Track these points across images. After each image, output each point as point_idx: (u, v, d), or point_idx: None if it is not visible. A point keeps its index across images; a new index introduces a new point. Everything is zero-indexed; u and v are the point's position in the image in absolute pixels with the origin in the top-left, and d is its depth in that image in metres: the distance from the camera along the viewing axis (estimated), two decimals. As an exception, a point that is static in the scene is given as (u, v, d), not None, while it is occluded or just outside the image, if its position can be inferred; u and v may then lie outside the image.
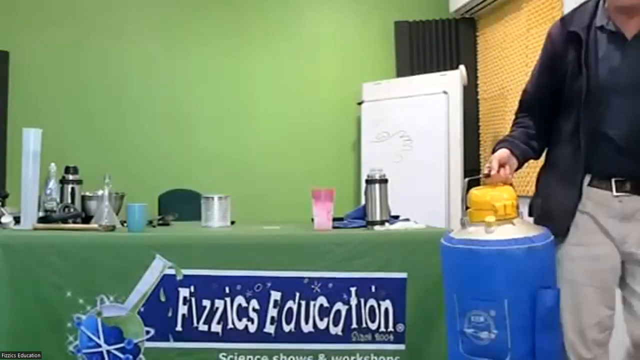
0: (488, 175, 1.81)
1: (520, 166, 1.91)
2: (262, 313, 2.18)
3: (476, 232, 1.70)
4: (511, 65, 4.34)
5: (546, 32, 1.95)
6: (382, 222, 2.43)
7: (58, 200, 2.55)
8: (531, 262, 1.64)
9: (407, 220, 2.53)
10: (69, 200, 2.62)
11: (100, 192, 2.56)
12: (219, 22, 5.07)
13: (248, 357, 2.17)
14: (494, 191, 1.76)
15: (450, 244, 1.73)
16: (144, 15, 5.02)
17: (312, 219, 2.43)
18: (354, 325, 2.21)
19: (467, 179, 1.92)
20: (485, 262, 1.67)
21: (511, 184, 1.83)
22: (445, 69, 4.76)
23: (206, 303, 2.17)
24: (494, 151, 1.90)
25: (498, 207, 1.68)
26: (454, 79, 4.48)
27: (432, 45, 5.01)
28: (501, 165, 1.82)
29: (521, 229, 1.70)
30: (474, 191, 1.77)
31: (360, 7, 5.19)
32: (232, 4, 5.09)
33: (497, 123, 4.54)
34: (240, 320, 2.18)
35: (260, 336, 2.18)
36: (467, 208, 1.77)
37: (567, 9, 3.55)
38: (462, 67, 4.55)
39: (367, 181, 2.49)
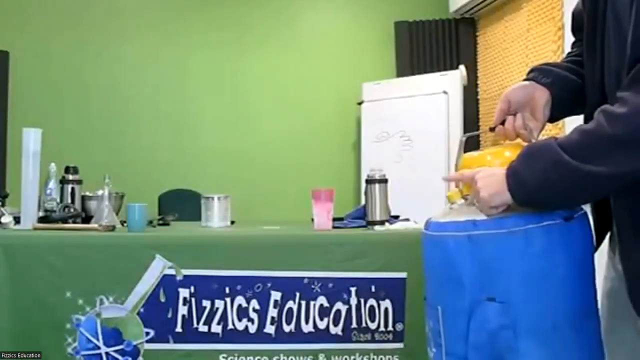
0: (494, 129, 1.35)
1: (564, 105, 1.33)
2: (262, 313, 2.18)
3: (442, 212, 1.32)
4: (511, 65, 4.35)
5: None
6: (382, 222, 2.42)
7: (58, 200, 2.54)
8: (472, 257, 1.15)
9: (407, 220, 2.52)
10: (69, 200, 2.62)
11: (100, 192, 2.56)
12: (219, 23, 5.07)
13: (248, 358, 2.17)
14: (487, 153, 1.30)
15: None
16: (144, 15, 5.02)
17: (312, 219, 2.42)
18: (354, 325, 2.21)
19: (464, 137, 1.42)
20: (424, 252, 1.31)
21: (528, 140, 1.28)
22: (445, 69, 4.77)
23: (206, 303, 2.16)
24: None
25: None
26: (454, 79, 4.49)
27: (432, 45, 5.02)
28: (515, 109, 1.32)
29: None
30: (466, 155, 1.34)
31: (360, 7, 5.20)
32: (233, 4, 5.09)
33: (497, 123, 4.54)
34: (240, 320, 2.18)
35: (260, 337, 2.18)
36: None
37: (567, 9, 3.56)
38: (462, 67, 4.56)
39: (367, 181, 2.49)
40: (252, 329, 2.18)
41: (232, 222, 2.66)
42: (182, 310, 2.16)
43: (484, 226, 1.15)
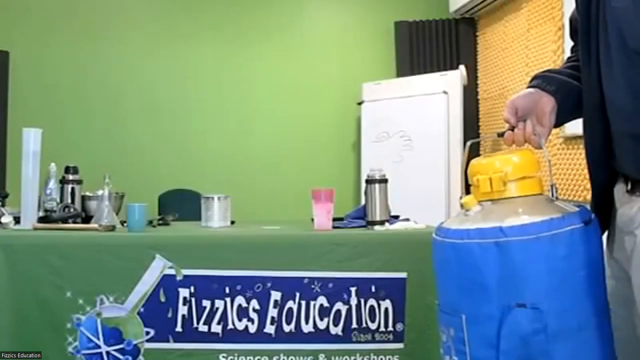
0: (502, 135, 1.35)
1: (568, 110, 1.34)
2: (262, 313, 2.18)
3: (456, 218, 1.31)
4: (511, 65, 4.34)
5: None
6: (382, 222, 2.43)
7: (58, 200, 2.54)
8: (499, 263, 1.15)
9: (407, 220, 2.52)
10: (69, 200, 2.62)
11: (100, 192, 2.56)
12: (218, 23, 5.07)
13: (248, 357, 2.17)
14: (495, 159, 1.28)
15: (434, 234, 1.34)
16: (143, 15, 5.02)
17: (312, 219, 2.42)
18: (354, 325, 2.21)
19: (469, 142, 1.42)
20: (442, 259, 1.29)
21: (538, 146, 1.30)
22: (445, 69, 4.77)
23: (206, 303, 2.17)
24: None
25: (481, 181, 1.25)
26: (454, 79, 4.49)
27: (432, 45, 5.01)
28: (522, 115, 1.32)
29: (513, 213, 1.19)
30: (474, 161, 1.32)
31: (360, 7, 5.20)
32: (232, 4, 5.09)
33: (497, 123, 4.54)
34: (240, 320, 2.18)
35: (260, 336, 2.18)
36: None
37: (567, 9, 3.55)
38: (462, 67, 4.55)
39: (367, 181, 2.49)
40: (252, 328, 2.18)
41: (232, 222, 2.67)
42: (182, 310, 2.16)
43: (511, 232, 1.15)
